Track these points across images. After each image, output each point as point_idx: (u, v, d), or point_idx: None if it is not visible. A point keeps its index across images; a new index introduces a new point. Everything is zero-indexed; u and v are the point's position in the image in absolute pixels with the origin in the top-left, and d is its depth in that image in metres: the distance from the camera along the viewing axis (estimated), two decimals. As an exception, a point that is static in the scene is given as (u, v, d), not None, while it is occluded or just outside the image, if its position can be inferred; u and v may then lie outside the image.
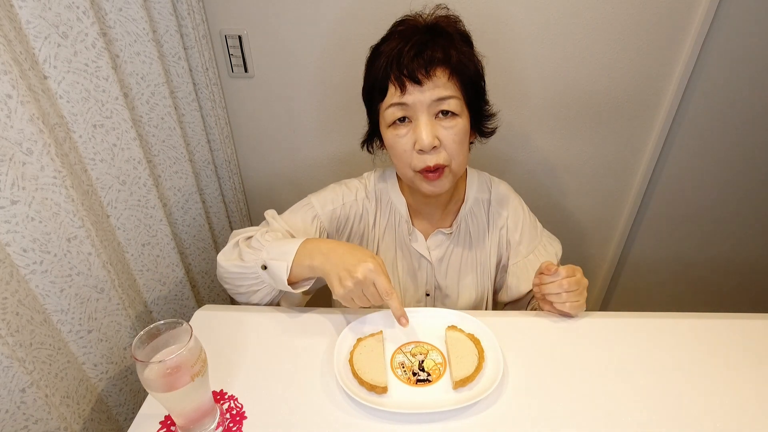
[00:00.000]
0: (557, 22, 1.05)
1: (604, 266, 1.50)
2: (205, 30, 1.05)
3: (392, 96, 0.70)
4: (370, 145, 0.85)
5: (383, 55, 0.70)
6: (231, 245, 0.77)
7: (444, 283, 0.89)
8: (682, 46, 1.07)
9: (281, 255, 0.69)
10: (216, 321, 0.77)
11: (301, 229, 0.82)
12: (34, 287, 0.67)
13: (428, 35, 0.70)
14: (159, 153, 0.97)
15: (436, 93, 0.68)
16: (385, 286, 0.64)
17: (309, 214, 0.83)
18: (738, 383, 0.66)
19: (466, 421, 0.61)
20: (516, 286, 0.89)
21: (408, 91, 0.68)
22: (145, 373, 0.51)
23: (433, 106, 0.69)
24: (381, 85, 0.71)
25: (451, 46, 0.69)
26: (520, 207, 0.90)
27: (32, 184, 0.64)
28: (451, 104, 0.70)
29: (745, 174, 1.29)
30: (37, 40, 0.67)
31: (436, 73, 0.68)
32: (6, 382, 0.60)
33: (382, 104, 0.72)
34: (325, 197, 0.86)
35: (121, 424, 0.87)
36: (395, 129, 0.72)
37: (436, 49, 0.68)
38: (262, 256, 0.71)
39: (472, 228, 0.88)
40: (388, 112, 0.72)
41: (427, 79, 0.68)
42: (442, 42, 0.69)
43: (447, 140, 0.71)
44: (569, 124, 1.20)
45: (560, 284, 0.72)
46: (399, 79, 0.68)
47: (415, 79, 0.68)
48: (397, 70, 0.68)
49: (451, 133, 0.71)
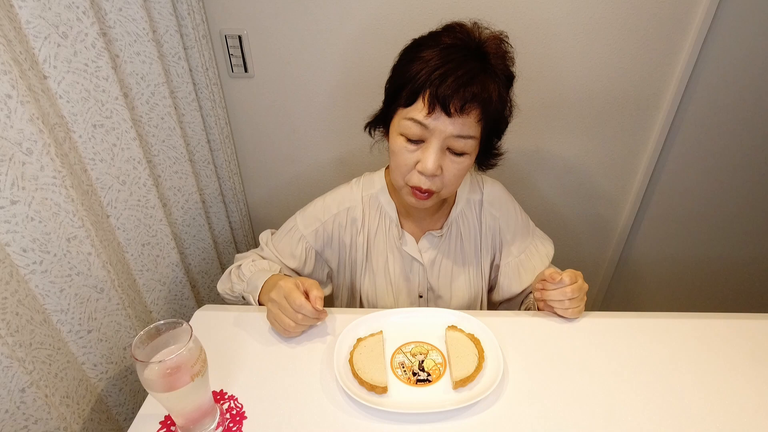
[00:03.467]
0: (557, 21, 1.05)
1: (604, 266, 1.50)
2: (205, 30, 1.05)
3: (417, 111, 0.67)
4: (373, 129, 0.83)
5: (425, 65, 0.67)
6: (226, 274, 0.89)
7: (436, 284, 0.89)
8: (682, 46, 1.07)
9: (253, 289, 0.80)
10: (216, 321, 0.77)
11: (287, 253, 0.88)
12: (33, 287, 0.67)
13: (476, 64, 0.67)
14: (159, 153, 0.97)
15: (459, 129, 0.67)
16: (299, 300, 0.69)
17: (295, 236, 0.88)
18: (738, 383, 0.66)
19: (466, 421, 0.61)
20: (507, 286, 0.89)
21: (435, 116, 0.66)
22: (145, 373, 0.51)
23: (450, 139, 0.68)
24: (412, 93, 0.68)
25: (494, 89, 0.67)
26: (512, 207, 0.90)
27: (32, 184, 0.64)
28: (467, 145, 0.70)
29: (744, 174, 1.29)
30: (37, 40, 0.67)
31: (470, 112, 0.66)
32: (6, 382, 0.60)
33: (404, 110, 0.70)
34: (309, 215, 0.88)
35: (121, 424, 0.87)
36: (405, 141, 0.71)
37: (479, 86, 0.65)
38: (242, 289, 0.83)
39: (463, 229, 0.88)
40: (406, 123, 0.69)
41: (458, 114, 0.66)
42: (487, 81, 0.66)
43: (448, 172, 0.71)
44: (569, 124, 1.20)
45: (564, 292, 0.73)
46: (432, 102, 0.66)
47: (447, 110, 0.66)
48: (435, 91, 0.65)
49: (455, 167, 0.71)
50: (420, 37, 0.73)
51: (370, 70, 1.14)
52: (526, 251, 0.89)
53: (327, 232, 0.87)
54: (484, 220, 0.88)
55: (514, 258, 0.89)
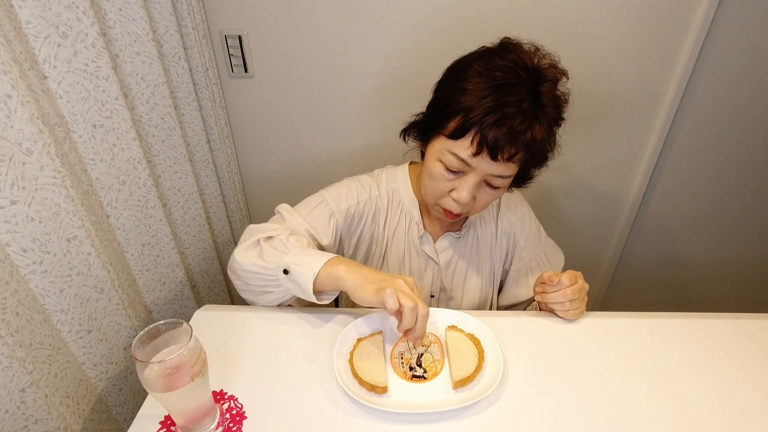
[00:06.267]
0: (557, 21, 1.05)
1: (604, 266, 1.50)
2: (205, 30, 1.05)
3: (462, 149, 0.66)
4: (408, 136, 0.80)
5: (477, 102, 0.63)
6: (251, 242, 0.73)
7: (449, 285, 0.89)
8: (682, 46, 1.07)
9: (307, 263, 0.66)
10: (216, 321, 0.77)
11: (317, 228, 0.79)
12: (33, 287, 0.67)
13: (530, 104, 0.64)
14: (159, 153, 0.97)
15: (501, 171, 0.68)
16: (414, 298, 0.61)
17: (325, 212, 0.80)
18: (738, 383, 0.66)
19: (466, 421, 0.61)
20: (515, 292, 0.90)
21: (480, 157, 0.65)
22: (145, 373, 0.51)
23: (490, 177, 0.69)
24: (460, 129, 0.65)
25: (543, 135, 0.66)
26: (528, 213, 0.91)
27: (32, 184, 0.64)
28: (504, 182, 0.70)
29: (744, 174, 1.29)
30: (37, 40, 0.67)
31: (514, 159, 0.66)
32: (6, 382, 0.60)
33: (447, 141, 0.68)
34: (339, 193, 0.82)
35: (121, 424, 0.87)
36: (444, 170, 0.70)
37: (528, 133, 0.64)
38: (286, 260, 0.67)
39: (480, 232, 0.88)
40: (448, 156, 0.68)
41: (504, 161, 0.66)
42: (537, 126, 0.65)
43: (480, 202, 0.73)
44: (569, 124, 1.20)
45: (564, 294, 0.73)
46: (481, 145, 0.64)
47: (494, 157, 0.65)
48: (485, 136, 0.63)
49: (487, 198, 0.73)
50: (470, 56, 0.70)
51: (371, 70, 1.14)
52: (537, 258, 0.90)
53: (357, 215, 0.82)
54: (501, 223, 0.88)
55: (525, 264, 0.89)
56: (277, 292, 0.72)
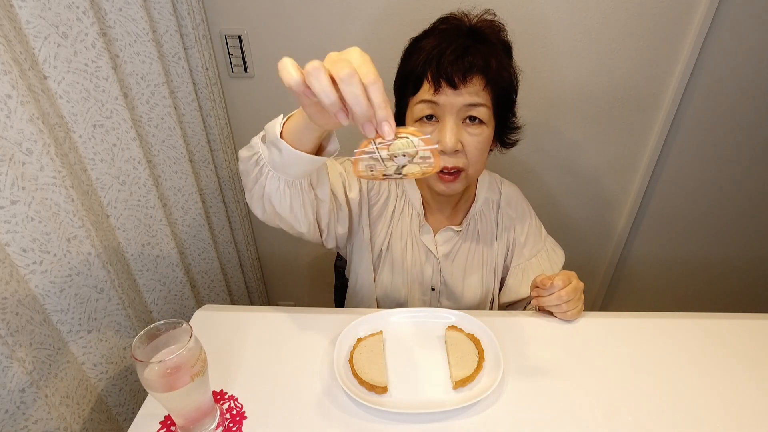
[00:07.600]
0: (557, 21, 1.05)
1: (604, 266, 1.50)
2: (205, 30, 1.05)
3: (425, 93, 0.70)
4: None
5: (423, 52, 0.70)
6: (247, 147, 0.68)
7: (450, 279, 0.89)
8: (682, 46, 1.07)
9: (278, 119, 0.63)
10: (216, 321, 0.77)
11: (347, 177, 0.81)
12: (33, 287, 0.67)
13: (471, 40, 0.70)
14: (159, 153, 0.97)
15: (468, 99, 0.69)
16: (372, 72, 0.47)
17: None
18: (738, 383, 0.66)
19: (466, 421, 0.61)
20: (516, 289, 0.89)
21: (442, 91, 0.69)
22: (145, 373, 0.51)
23: (463, 110, 0.70)
24: (416, 79, 0.71)
25: (491, 55, 0.69)
26: (528, 210, 0.92)
27: (32, 184, 0.64)
28: (480, 112, 0.71)
29: (744, 174, 1.29)
30: (37, 40, 0.67)
31: (472, 80, 0.68)
32: (6, 382, 0.60)
33: (413, 98, 0.73)
34: None
35: (121, 424, 0.87)
36: (421, 125, 0.73)
37: (477, 55, 0.68)
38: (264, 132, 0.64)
39: (480, 227, 0.88)
40: (417, 107, 0.72)
41: (462, 84, 0.68)
42: (483, 50, 0.69)
43: (469, 146, 0.72)
44: (569, 124, 1.20)
45: (559, 296, 0.73)
46: (435, 79, 0.68)
47: (451, 82, 0.68)
48: (435, 69, 0.68)
49: (474, 139, 0.72)
50: (417, 35, 0.76)
51: (370, 70, 1.13)
52: (538, 255, 0.90)
53: (376, 188, 0.86)
54: (501, 220, 0.89)
55: (525, 260, 0.90)
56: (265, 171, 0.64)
